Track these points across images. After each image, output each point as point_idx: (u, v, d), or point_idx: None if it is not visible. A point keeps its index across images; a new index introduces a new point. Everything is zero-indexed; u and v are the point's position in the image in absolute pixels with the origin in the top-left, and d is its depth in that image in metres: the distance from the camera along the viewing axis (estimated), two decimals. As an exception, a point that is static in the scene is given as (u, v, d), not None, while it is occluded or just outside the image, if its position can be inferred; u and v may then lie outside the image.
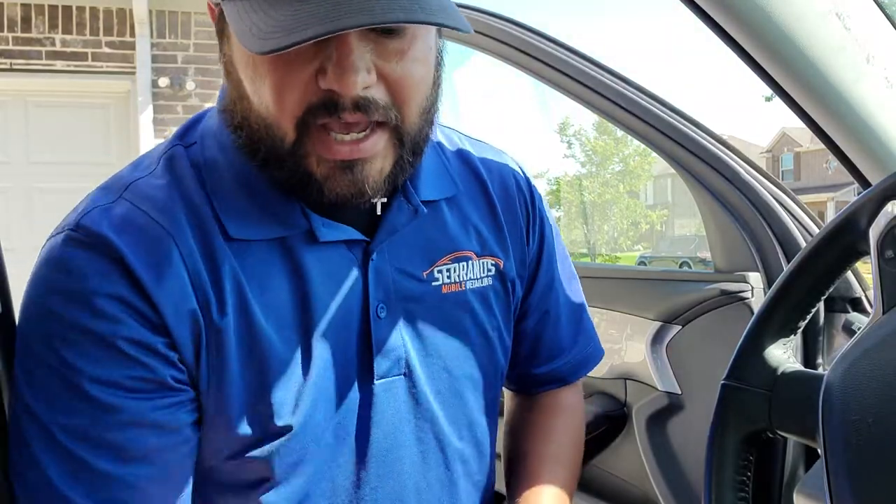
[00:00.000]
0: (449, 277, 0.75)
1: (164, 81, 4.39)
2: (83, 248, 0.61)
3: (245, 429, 0.65)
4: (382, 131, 0.61)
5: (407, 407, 0.72)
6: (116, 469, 0.59)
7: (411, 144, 0.64)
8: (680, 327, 1.21)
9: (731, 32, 0.77)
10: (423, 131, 0.65)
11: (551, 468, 0.82)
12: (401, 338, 0.71)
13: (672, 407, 1.22)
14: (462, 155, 0.81)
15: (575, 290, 0.91)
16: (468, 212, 0.78)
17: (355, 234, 0.68)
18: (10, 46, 4.22)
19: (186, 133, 0.71)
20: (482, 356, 0.78)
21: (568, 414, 0.89)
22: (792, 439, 0.76)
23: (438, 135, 0.81)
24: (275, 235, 0.65)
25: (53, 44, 4.28)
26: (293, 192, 0.64)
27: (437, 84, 0.66)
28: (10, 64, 4.22)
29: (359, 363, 0.70)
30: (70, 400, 0.59)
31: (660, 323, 1.23)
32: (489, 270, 0.78)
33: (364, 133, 0.60)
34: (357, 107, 0.58)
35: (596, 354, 0.92)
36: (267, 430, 0.65)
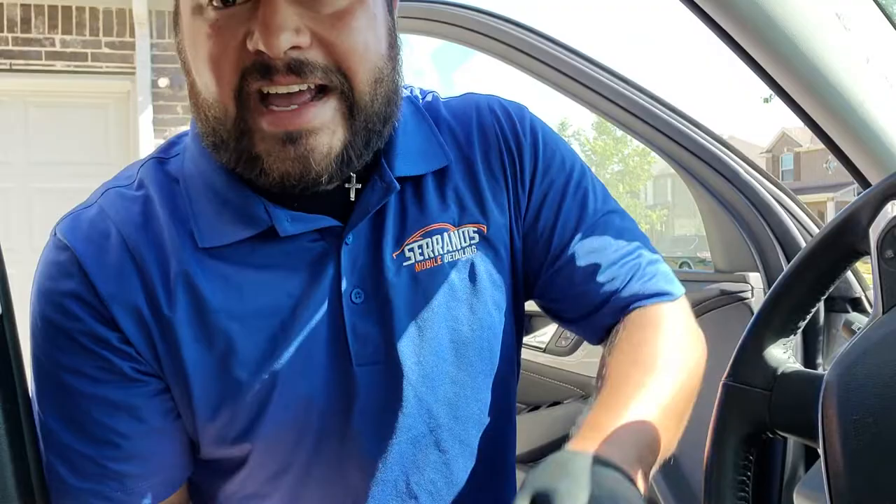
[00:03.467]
0: (422, 254, 0.70)
1: (163, 82, 4.39)
2: (56, 251, 0.67)
3: (213, 420, 0.67)
4: (328, 98, 0.60)
5: (390, 394, 0.70)
6: (92, 451, 0.65)
7: (364, 119, 0.62)
8: (680, 327, 1.21)
9: (731, 32, 0.77)
10: (376, 105, 0.63)
11: (624, 372, 0.67)
12: (378, 324, 0.69)
13: (672, 407, 1.22)
14: (440, 116, 0.76)
15: (624, 232, 0.77)
16: (455, 180, 0.73)
17: (325, 222, 0.66)
18: (10, 47, 4.22)
19: (171, 146, 0.73)
20: (474, 331, 0.73)
21: (643, 329, 0.73)
22: (792, 439, 0.76)
23: (416, 93, 0.79)
24: (240, 238, 0.65)
25: (53, 44, 4.28)
26: (245, 179, 0.64)
27: (392, 59, 0.65)
28: (10, 64, 4.22)
29: (336, 351, 0.68)
30: (52, 387, 0.65)
31: (660, 323, 1.23)
32: (471, 238, 0.73)
33: (304, 101, 0.59)
34: (290, 69, 0.57)
35: (673, 288, 0.76)
36: (236, 423, 0.67)
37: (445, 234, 0.72)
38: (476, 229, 0.73)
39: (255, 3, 0.57)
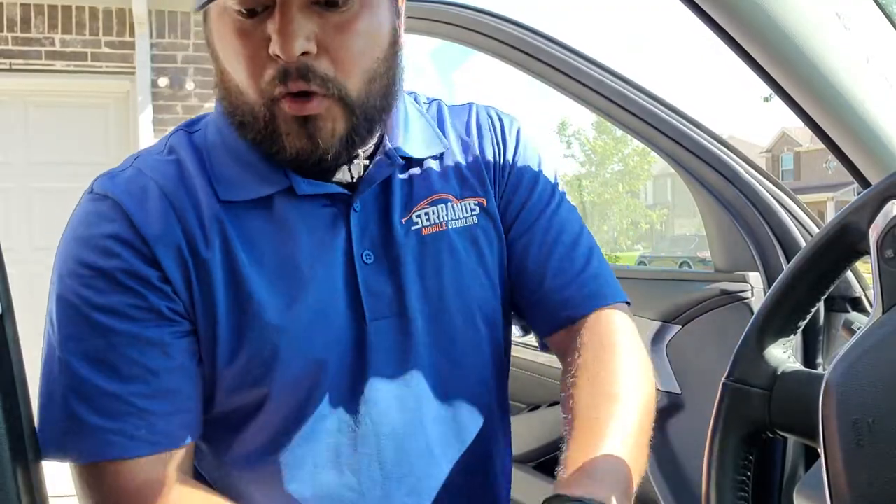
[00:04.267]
0: (428, 220, 0.79)
1: (163, 81, 4.39)
2: (95, 202, 0.73)
3: (232, 364, 0.72)
4: (325, 99, 0.68)
5: (402, 346, 0.76)
6: (119, 388, 0.68)
7: (362, 112, 0.71)
8: (680, 327, 1.21)
9: (731, 32, 0.77)
10: (372, 99, 0.71)
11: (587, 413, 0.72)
12: (389, 281, 0.76)
13: (672, 406, 1.22)
14: (443, 116, 0.87)
15: (581, 235, 0.85)
16: (456, 160, 0.83)
17: (335, 189, 0.75)
18: (10, 46, 4.21)
19: (193, 123, 0.82)
20: (474, 291, 0.80)
21: (593, 344, 0.78)
22: (792, 439, 0.76)
23: (422, 100, 0.88)
24: (260, 195, 0.73)
25: (53, 44, 4.28)
26: (266, 152, 0.72)
27: (390, 58, 0.73)
28: (10, 64, 4.22)
29: (350, 307, 0.75)
30: (81, 328, 0.69)
31: (660, 323, 1.23)
32: (472, 210, 0.82)
33: (314, 93, 0.68)
34: (299, 73, 0.66)
35: (616, 295, 0.83)
36: (253, 369, 0.72)
37: (449, 204, 0.81)
38: (477, 202, 0.82)
39: (272, 11, 0.66)
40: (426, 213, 0.79)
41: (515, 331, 0.89)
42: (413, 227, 0.78)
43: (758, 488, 0.98)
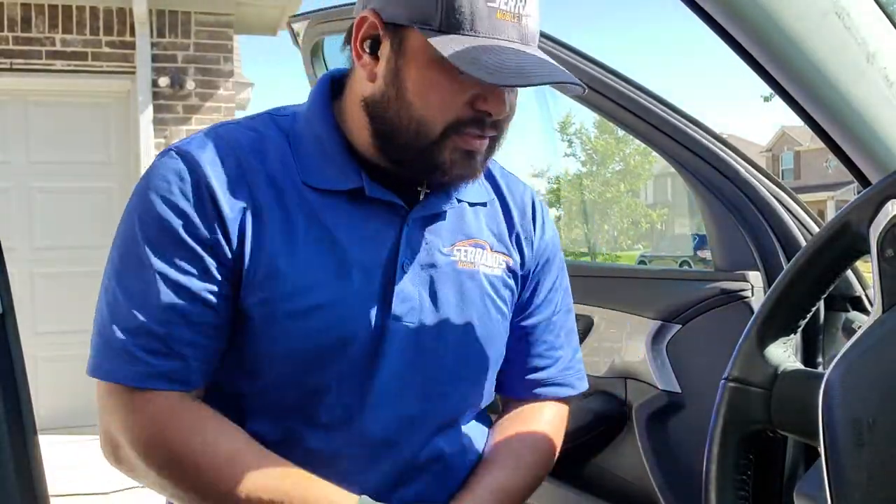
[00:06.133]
0: (465, 257, 0.91)
1: (164, 81, 4.38)
2: (171, 159, 0.83)
3: (273, 328, 0.82)
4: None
5: (413, 350, 0.87)
6: (165, 332, 0.79)
7: (496, 150, 0.87)
8: (680, 326, 1.21)
9: (731, 32, 0.77)
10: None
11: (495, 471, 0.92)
12: (418, 292, 0.87)
13: (672, 406, 1.22)
14: (495, 177, 1.00)
15: (572, 322, 1.04)
16: (492, 217, 0.96)
17: (397, 199, 0.86)
18: (10, 46, 4.21)
19: (279, 110, 0.92)
20: (488, 326, 0.92)
21: (541, 428, 0.98)
22: (792, 438, 0.76)
23: None
24: (335, 187, 0.85)
25: (53, 43, 4.27)
26: (414, 172, 0.86)
27: None
28: (10, 63, 4.22)
29: (382, 299, 0.85)
30: (141, 274, 0.80)
31: (660, 322, 1.23)
32: (500, 264, 0.94)
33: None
34: (492, 125, 0.82)
35: (581, 385, 1.03)
36: (287, 331, 0.82)
37: (484, 250, 0.93)
38: (505, 259, 0.95)
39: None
40: (465, 251, 0.91)
41: None
42: (451, 258, 0.90)
43: (758, 487, 0.98)
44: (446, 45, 0.76)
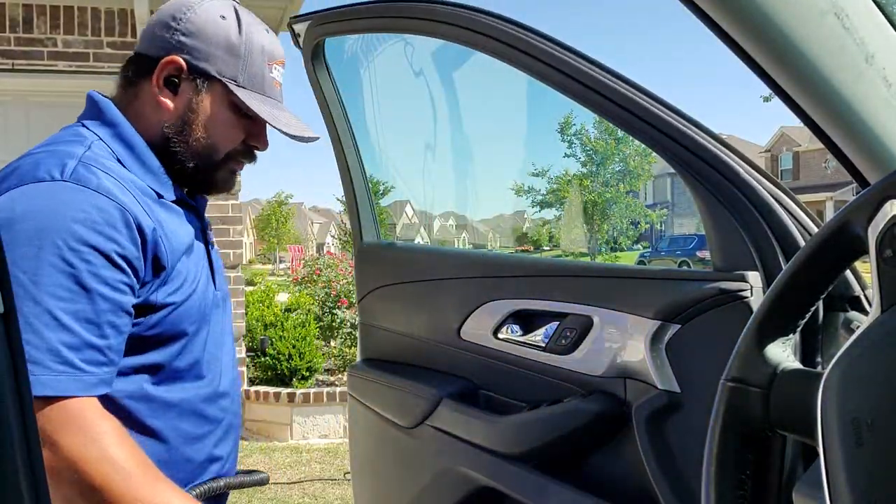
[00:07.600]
0: (211, 238, 1.29)
1: (164, 81, 4.38)
2: (83, 192, 1.01)
3: (164, 321, 1.08)
4: None
5: (225, 317, 1.25)
6: (98, 341, 0.96)
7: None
8: (679, 326, 1.21)
9: (730, 32, 0.77)
10: None
11: None
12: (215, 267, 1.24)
13: (671, 406, 1.22)
14: None
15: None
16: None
17: (198, 205, 1.23)
18: (12, 47, 4.22)
19: (86, 140, 1.15)
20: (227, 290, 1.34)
21: None
22: (791, 438, 0.76)
23: None
24: (172, 198, 1.14)
25: (55, 44, 4.28)
26: (189, 181, 1.19)
27: None
28: (12, 64, 4.22)
29: (208, 275, 1.19)
30: (76, 294, 0.95)
31: (659, 322, 1.23)
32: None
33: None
34: (254, 155, 1.24)
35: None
36: (174, 322, 1.10)
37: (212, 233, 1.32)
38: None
39: (254, 123, 1.19)
40: (211, 233, 1.29)
41: (517, 329, 0.91)
42: (210, 239, 1.26)
43: (757, 486, 0.98)
44: (249, 97, 1.13)
